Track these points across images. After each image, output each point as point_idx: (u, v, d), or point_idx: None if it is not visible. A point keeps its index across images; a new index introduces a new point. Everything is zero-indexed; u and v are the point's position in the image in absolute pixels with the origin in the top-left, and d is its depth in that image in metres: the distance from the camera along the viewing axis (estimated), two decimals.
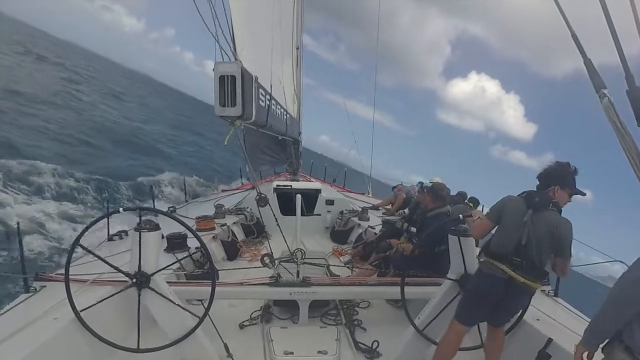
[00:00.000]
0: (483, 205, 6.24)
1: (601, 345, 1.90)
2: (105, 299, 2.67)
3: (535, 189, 2.51)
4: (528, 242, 2.36)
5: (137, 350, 2.59)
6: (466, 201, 6.33)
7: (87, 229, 2.54)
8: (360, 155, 11.71)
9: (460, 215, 2.94)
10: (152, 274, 2.56)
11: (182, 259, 3.52)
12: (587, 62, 1.63)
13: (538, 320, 3.01)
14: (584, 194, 2.44)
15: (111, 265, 2.57)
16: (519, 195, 2.50)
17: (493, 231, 2.64)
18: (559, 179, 2.39)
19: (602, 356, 1.90)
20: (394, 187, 8.51)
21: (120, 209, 2.69)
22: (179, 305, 2.64)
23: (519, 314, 2.98)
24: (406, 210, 6.82)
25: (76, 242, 2.47)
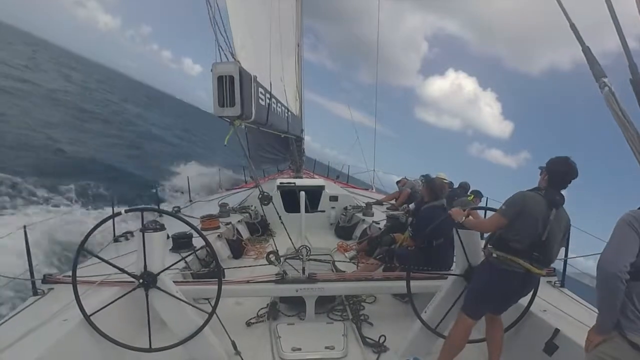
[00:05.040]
0: (487, 198, 6.22)
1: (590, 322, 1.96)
2: (114, 301, 2.69)
3: (531, 185, 2.57)
4: (547, 238, 2.42)
5: (148, 350, 2.61)
6: (468, 193, 6.32)
7: (90, 232, 2.56)
8: (364, 155, 11.77)
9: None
10: (158, 274, 2.57)
11: (186, 255, 3.53)
12: (586, 50, 1.61)
13: (545, 311, 3.00)
14: None
15: (117, 267, 2.59)
16: (533, 192, 2.50)
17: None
18: (573, 178, 2.46)
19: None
20: (398, 181, 8.49)
21: (122, 211, 2.69)
22: (186, 302, 2.66)
23: (525, 305, 2.98)
24: (411, 205, 6.81)
25: (81, 247, 2.49)
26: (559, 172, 2.45)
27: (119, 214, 2.70)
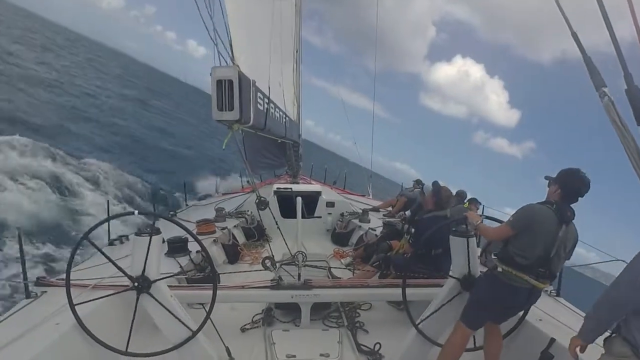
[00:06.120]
0: (483, 206, 6.22)
1: (601, 339, 1.97)
2: (103, 297, 2.66)
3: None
4: (555, 254, 2.37)
5: (139, 355, 2.58)
6: (465, 201, 6.33)
7: (96, 226, 2.54)
8: (359, 152, 11.75)
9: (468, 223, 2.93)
10: (155, 281, 2.55)
11: (186, 271, 3.52)
12: (587, 60, 1.62)
13: (540, 320, 3.00)
14: None
15: (117, 267, 2.56)
16: (544, 205, 2.41)
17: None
18: (586, 192, 2.38)
19: (603, 351, 1.95)
20: (414, 181, 8.48)
21: (135, 212, 2.68)
22: (180, 307, 2.64)
23: (520, 314, 2.98)
24: (407, 212, 6.81)
25: (85, 237, 2.46)
26: (574, 188, 2.34)
27: (132, 213, 2.69)
